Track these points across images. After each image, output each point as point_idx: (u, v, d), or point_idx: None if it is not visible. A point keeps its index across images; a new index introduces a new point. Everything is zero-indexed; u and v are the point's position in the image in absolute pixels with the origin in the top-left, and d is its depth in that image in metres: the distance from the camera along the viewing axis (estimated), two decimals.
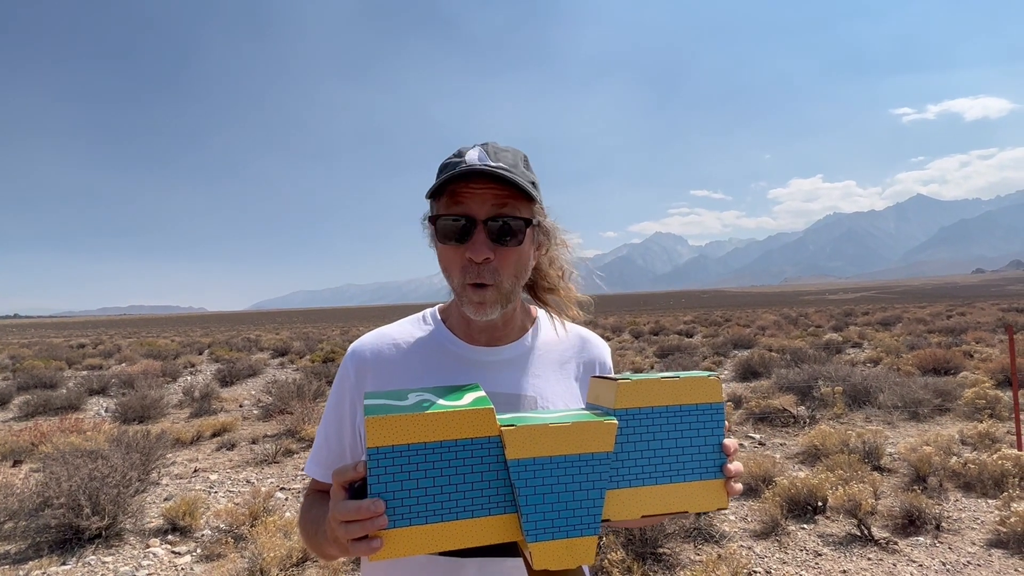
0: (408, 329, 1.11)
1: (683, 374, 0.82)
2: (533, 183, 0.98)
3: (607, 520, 0.78)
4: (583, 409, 0.87)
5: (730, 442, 0.83)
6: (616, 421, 0.77)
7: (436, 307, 1.15)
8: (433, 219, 0.98)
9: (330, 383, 9.79)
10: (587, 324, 1.19)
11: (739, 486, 0.83)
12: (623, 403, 0.79)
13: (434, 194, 0.97)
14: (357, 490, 0.75)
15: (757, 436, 6.82)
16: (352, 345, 1.11)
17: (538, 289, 1.12)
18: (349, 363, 1.08)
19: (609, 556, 3.55)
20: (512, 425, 0.75)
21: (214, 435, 7.60)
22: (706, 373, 0.83)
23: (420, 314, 1.14)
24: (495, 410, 1.01)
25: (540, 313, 1.15)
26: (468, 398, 0.78)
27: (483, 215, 0.94)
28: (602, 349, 1.16)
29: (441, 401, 0.77)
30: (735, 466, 0.82)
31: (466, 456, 0.73)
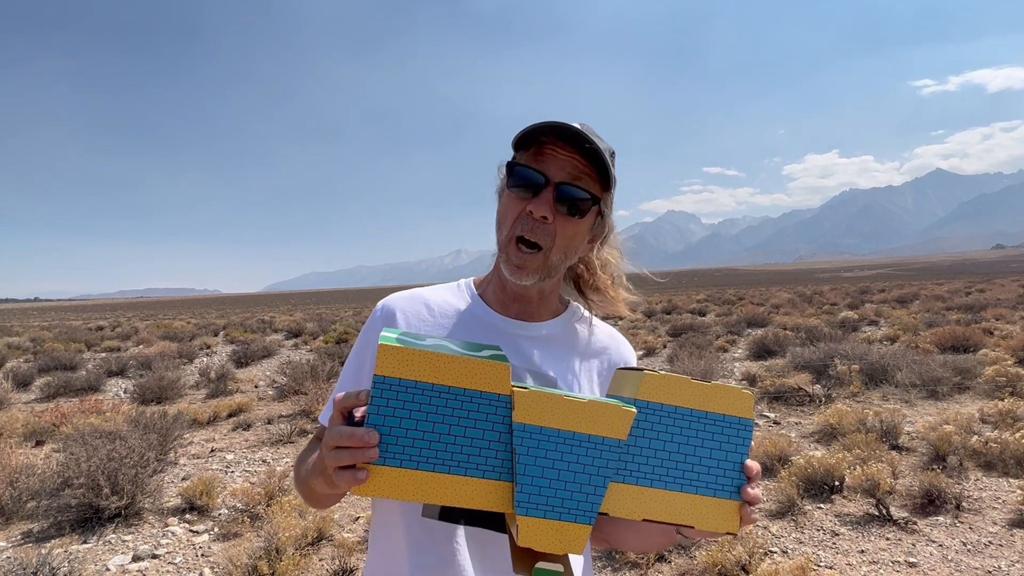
0: (442, 294, 1.10)
1: (716, 382, 0.78)
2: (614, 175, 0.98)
3: (605, 514, 0.74)
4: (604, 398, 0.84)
5: (753, 464, 0.78)
6: (635, 410, 0.73)
7: (471, 278, 1.15)
8: (511, 165, 0.97)
9: (343, 363, 9.78)
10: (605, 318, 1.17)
11: (756, 515, 0.79)
12: (646, 395, 0.75)
13: (520, 144, 0.96)
14: (356, 423, 0.72)
15: (772, 415, 6.76)
16: (385, 299, 1.10)
17: (584, 285, 1.11)
18: (379, 313, 1.07)
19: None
20: (525, 387, 0.71)
21: (230, 415, 7.69)
22: (740, 387, 0.79)
23: (456, 282, 1.14)
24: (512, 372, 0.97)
25: (573, 304, 1.14)
26: (487, 352, 0.75)
27: (558, 178, 0.93)
28: (629, 351, 1.14)
29: (458, 349, 0.73)
30: (755, 491, 0.77)
31: (472, 409, 0.70)
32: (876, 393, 7.39)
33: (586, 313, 1.13)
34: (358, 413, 0.73)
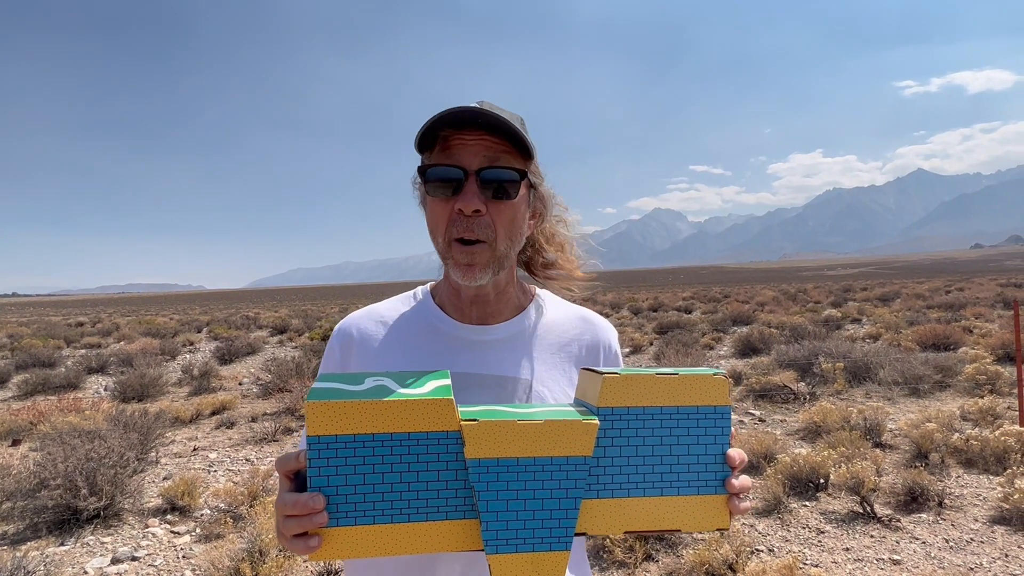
0: (397, 306, 1.06)
1: (684, 370, 0.73)
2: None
3: (583, 533, 0.71)
4: (570, 405, 0.79)
5: (735, 453, 0.74)
6: (597, 421, 0.69)
7: (428, 283, 1.10)
8: (422, 170, 0.91)
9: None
10: (585, 301, 1.13)
11: (746, 504, 0.75)
12: (608, 400, 0.70)
13: (423, 145, 0.91)
14: (304, 482, 0.68)
15: (757, 413, 6.80)
16: (340, 322, 1.06)
17: (535, 265, 1.07)
18: (335, 341, 1.03)
19: (611, 535, 3.53)
20: (474, 420, 0.67)
21: (213, 413, 7.58)
22: (711, 371, 0.74)
23: (412, 291, 1.09)
24: (480, 398, 0.93)
25: (539, 292, 1.09)
26: (429, 386, 0.70)
27: (475, 166, 0.88)
28: (607, 331, 1.08)
29: (398, 388, 0.69)
30: (741, 481, 0.74)
31: (420, 452, 0.66)
32: (860, 391, 7.47)
33: (553, 299, 1.08)
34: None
